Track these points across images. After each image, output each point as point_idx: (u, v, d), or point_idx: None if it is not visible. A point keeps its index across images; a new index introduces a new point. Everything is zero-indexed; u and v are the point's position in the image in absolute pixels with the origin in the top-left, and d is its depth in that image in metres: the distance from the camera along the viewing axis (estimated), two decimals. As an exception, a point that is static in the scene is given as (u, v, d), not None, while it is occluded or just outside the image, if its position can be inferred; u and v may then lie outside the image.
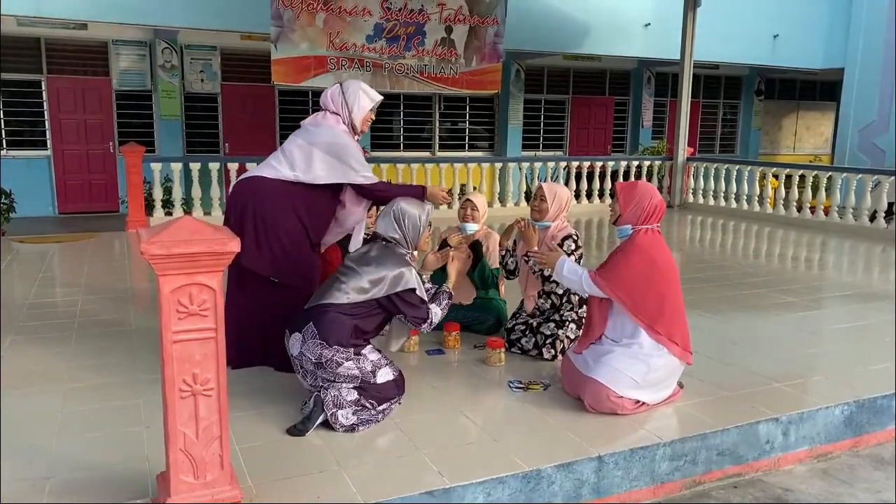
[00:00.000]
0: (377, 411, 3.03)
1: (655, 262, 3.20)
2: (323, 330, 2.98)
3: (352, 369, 2.99)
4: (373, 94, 3.70)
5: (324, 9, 8.71)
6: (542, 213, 3.97)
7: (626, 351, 3.20)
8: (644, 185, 3.36)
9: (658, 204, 3.28)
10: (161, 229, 2.05)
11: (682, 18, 10.76)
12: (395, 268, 3.12)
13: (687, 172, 11.35)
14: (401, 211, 3.26)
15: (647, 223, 3.27)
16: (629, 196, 3.29)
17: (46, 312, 4.73)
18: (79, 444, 2.79)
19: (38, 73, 10.77)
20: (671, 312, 3.19)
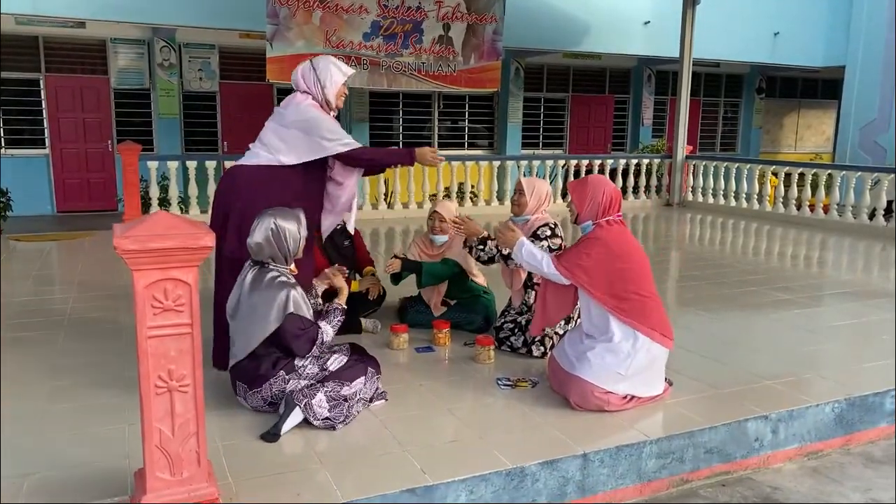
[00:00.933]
0: (352, 401, 2.97)
1: (612, 249, 3.20)
2: (247, 379, 2.98)
3: (299, 384, 2.97)
4: (344, 68, 3.61)
5: (320, 6, 8.69)
6: (522, 206, 3.97)
7: (605, 346, 3.17)
8: (595, 179, 3.36)
9: (612, 194, 3.28)
10: (135, 224, 2.03)
11: (682, 16, 10.71)
12: (274, 294, 2.91)
13: (686, 170, 11.31)
14: (278, 228, 2.97)
15: (606, 215, 3.26)
16: (582, 193, 3.30)
17: (37, 310, 4.72)
18: (60, 441, 2.77)
19: (36, 72, 10.77)
20: (638, 298, 3.17)
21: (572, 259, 3.23)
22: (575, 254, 3.25)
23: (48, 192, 10.99)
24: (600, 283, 3.15)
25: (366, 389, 3.06)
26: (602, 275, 3.16)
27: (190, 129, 11.71)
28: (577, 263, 3.20)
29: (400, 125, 13.47)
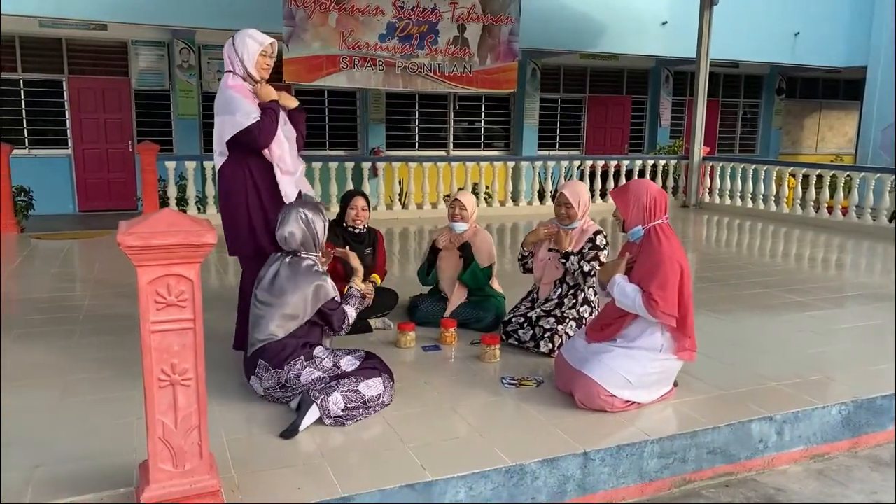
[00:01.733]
0: (371, 406, 3.02)
1: (683, 270, 3.13)
2: (272, 360, 3.06)
3: (313, 374, 3.04)
4: (260, 37, 3.50)
5: (336, 8, 8.76)
6: (572, 217, 3.97)
7: (624, 352, 3.17)
8: (636, 183, 3.31)
9: (656, 196, 3.21)
10: (139, 221, 2.08)
11: (699, 17, 10.64)
12: (310, 283, 3.12)
13: (703, 172, 11.23)
14: (307, 217, 3.18)
15: (654, 218, 3.20)
16: (624, 199, 3.24)
17: (55, 307, 4.82)
18: (71, 434, 2.84)
19: (59, 74, 10.98)
20: (687, 313, 3.15)
21: (662, 304, 3.05)
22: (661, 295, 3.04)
23: (70, 192, 11.19)
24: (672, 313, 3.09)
25: (385, 395, 3.10)
26: (673, 304, 3.08)
27: (208, 130, 11.84)
28: (671, 305, 3.06)
29: (416, 126, 13.53)
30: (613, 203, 3.31)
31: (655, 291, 3.06)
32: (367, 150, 12.79)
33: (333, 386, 2.97)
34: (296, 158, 3.72)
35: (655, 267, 3.11)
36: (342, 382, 2.99)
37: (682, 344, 3.16)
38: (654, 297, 3.05)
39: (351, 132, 13.06)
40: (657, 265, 3.11)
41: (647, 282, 3.10)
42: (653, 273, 3.10)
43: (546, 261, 4.09)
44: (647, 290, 3.07)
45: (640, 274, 3.16)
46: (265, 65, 3.57)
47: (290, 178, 3.65)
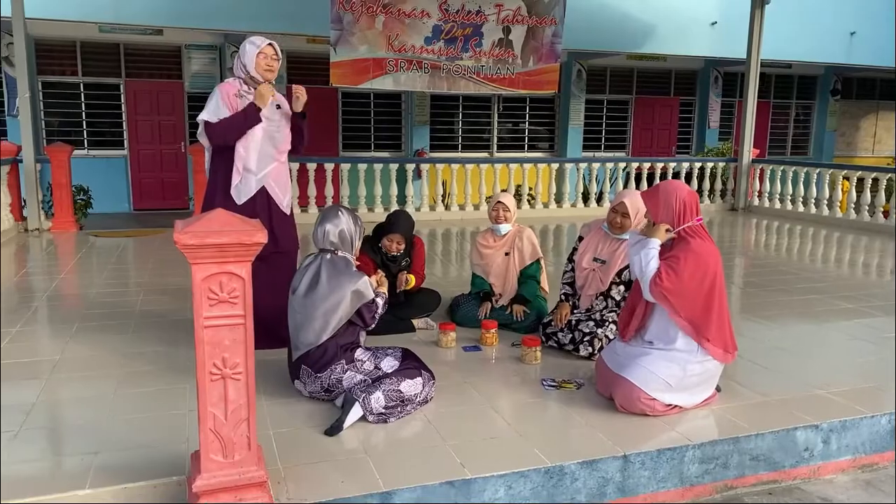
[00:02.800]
0: (410, 404, 3.08)
1: (708, 269, 3.09)
2: (313, 363, 3.13)
3: (355, 377, 3.11)
4: (258, 40, 3.70)
5: (384, 11, 8.87)
6: (625, 228, 3.88)
7: (662, 354, 3.16)
8: (665, 185, 3.24)
9: (686, 198, 3.15)
10: (194, 221, 2.18)
11: (750, 16, 10.44)
12: (352, 282, 3.15)
13: (752, 174, 11.00)
14: (347, 216, 3.30)
15: (685, 221, 3.17)
16: (654, 201, 3.19)
17: (111, 302, 5.02)
18: (126, 424, 2.97)
19: (117, 77, 11.39)
20: (718, 315, 3.13)
21: (667, 284, 3.03)
22: (669, 276, 3.04)
23: (126, 191, 11.60)
24: (687, 307, 3.06)
25: (424, 392, 3.15)
26: (689, 299, 3.05)
27: (257, 132, 12.11)
28: (672, 290, 3.04)
29: (459, 128, 13.59)
30: (645, 206, 3.29)
31: (665, 269, 3.04)
32: (411, 152, 12.91)
33: (376, 385, 3.04)
34: (270, 159, 3.78)
35: (679, 255, 3.08)
36: (384, 382, 3.06)
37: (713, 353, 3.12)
38: (662, 273, 3.03)
39: (395, 134, 13.19)
40: (682, 254, 3.07)
41: (662, 271, 3.07)
42: (675, 257, 3.08)
43: (590, 271, 4.05)
44: (658, 275, 3.06)
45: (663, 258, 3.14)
46: (266, 65, 3.71)
47: (251, 176, 3.74)
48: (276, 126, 3.80)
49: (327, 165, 9.25)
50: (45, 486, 2.45)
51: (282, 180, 3.88)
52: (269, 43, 3.71)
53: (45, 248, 7.18)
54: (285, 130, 3.85)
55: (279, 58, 3.77)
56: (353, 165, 9.52)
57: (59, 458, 2.73)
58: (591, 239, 4.11)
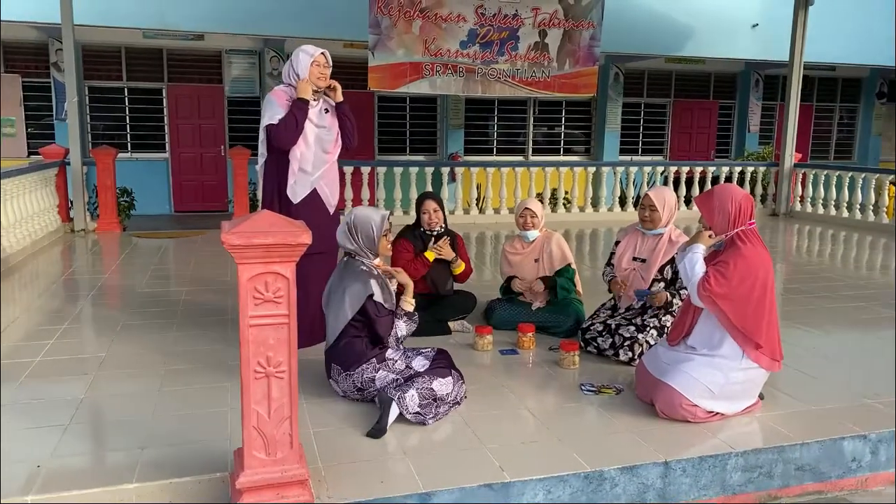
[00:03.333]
0: (442, 403, 3.07)
1: (759, 274, 3.05)
2: (342, 361, 3.18)
3: (386, 377, 3.13)
4: (311, 49, 3.82)
5: (421, 16, 8.92)
6: (655, 222, 3.93)
7: (705, 360, 3.12)
8: (721, 189, 3.20)
9: (742, 202, 3.11)
10: (241, 221, 2.22)
11: (793, 18, 10.24)
12: (354, 281, 3.18)
13: (794, 179, 10.78)
14: (353, 221, 3.29)
15: (739, 225, 3.12)
16: (709, 206, 3.16)
17: (154, 301, 5.13)
18: (171, 420, 3.03)
19: (160, 82, 11.64)
20: (769, 322, 3.08)
21: (716, 289, 3.00)
22: (718, 280, 3.01)
23: (167, 193, 11.84)
24: (737, 313, 3.01)
25: (454, 392, 3.15)
26: (740, 304, 3.00)
27: (295, 135, 12.27)
28: (721, 294, 3.00)
29: (494, 132, 13.58)
30: (698, 210, 3.25)
31: (714, 274, 3.01)
32: (445, 156, 12.94)
33: (409, 384, 3.06)
34: (322, 161, 3.91)
35: (729, 260, 3.04)
36: (416, 381, 3.07)
37: (759, 361, 3.07)
38: (710, 278, 3.00)
39: (430, 138, 13.24)
40: (732, 259, 3.03)
41: (711, 275, 3.04)
42: (724, 262, 3.04)
43: (630, 270, 4.04)
44: (707, 279, 3.02)
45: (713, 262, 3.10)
46: (319, 74, 3.85)
47: (306, 177, 3.88)
48: (326, 130, 3.93)
49: (363, 168, 9.32)
50: (93, 479, 2.51)
51: (332, 181, 4.03)
52: (321, 52, 3.85)
53: (91, 249, 7.37)
54: (334, 133, 3.98)
55: (331, 66, 3.90)
56: (388, 169, 9.58)
57: (106, 452, 2.80)
58: (629, 240, 4.11)
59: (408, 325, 3.31)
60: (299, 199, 3.87)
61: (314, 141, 3.88)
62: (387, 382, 3.13)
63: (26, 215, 6.92)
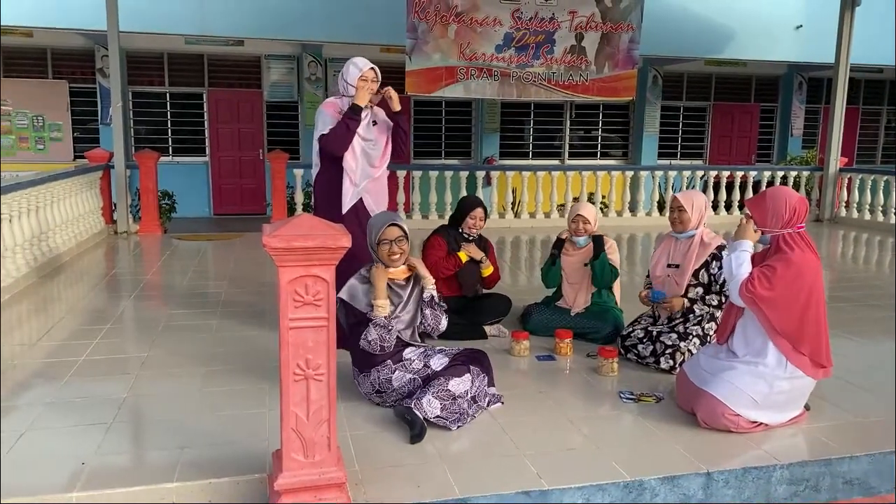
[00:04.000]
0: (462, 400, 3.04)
1: (805, 280, 2.96)
2: (357, 362, 3.22)
3: (403, 377, 3.13)
4: (361, 63, 3.87)
5: (456, 20, 8.93)
6: (685, 223, 3.88)
7: (749, 369, 3.04)
8: (774, 191, 3.11)
9: (796, 205, 3.01)
10: (281, 224, 2.24)
11: (838, 19, 9.99)
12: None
13: (839, 184, 10.50)
14: (369, 223, 3.36)
15: (791, 227, 3.03)
16: (762, 209, 3.06)
17: (195, 302, 5.21)
18: (211, 421, 3.07)
19: (200, 87, 11.86)
20: (815, 329, 3.00)
21: (760, 291, 2.93)
22: (762, 283, 2.94)
23: (206, 197, 12.04)
24: (782, 319, 2.94)
25: (474, 388, 3.11)
26: (784, 310, 2.93)
27: (332, 139, 12.38)
28: (764, 297, 2.93)
29: (530, 136, 13.52)
30: (742, 215, 3.17)
31: (759, 275, 2.94)
32: (480, 159, 12.92)
33: (425, 390, 3.04)
34: (367, 174, 3.97)
35: (776, 265, 2.95)
36: (432, 385, 3.05)
37: (804, 368, 2.98)
38: (754, 279, 2.93)
39: (465, 141, 13.24)
40: (779, 264, 2.95)
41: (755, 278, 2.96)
42: (771, 266, 2.96)
43: (665, 277, 3.97)
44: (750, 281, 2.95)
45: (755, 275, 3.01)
46: (369, 87, 3.89)
47: (353, 188, 3.95)
48: (372, 143, 3.99)
49: (399, 172, 9.36)
50: (135, 478, 2.56)
51: (378, 193, 4.06)
52: (370, 67, 3.90)
53: (133, 251, 7.53)
54: (381, 146, 4.02)
55: (379, 80, 3.94)
56: (424, 172, 9.60)
57: (148, 451, 2.84)
58: (663, 247, 4.07)
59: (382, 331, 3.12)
60: (346, 208, 3.94)
61: (360, 153, 3.95)
62: (404, 383, 3.12)
63: (72, 217, 7.11)
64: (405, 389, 3.14)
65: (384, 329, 3.11)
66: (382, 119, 4.05)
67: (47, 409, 3.16)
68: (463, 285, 4.46)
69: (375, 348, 3.11)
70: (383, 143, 4.03)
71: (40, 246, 6.11)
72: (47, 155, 11.22)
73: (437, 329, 3.33)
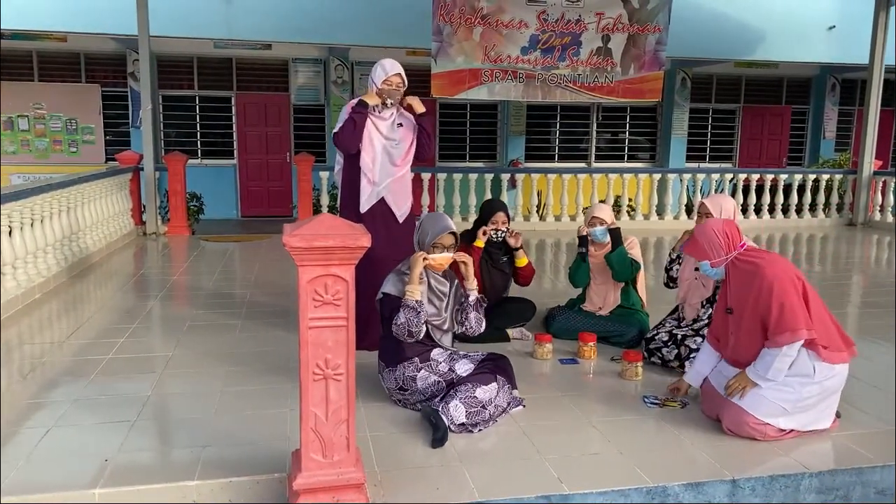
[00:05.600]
0: (489, 407, 3.02)
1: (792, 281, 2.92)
2: (385, 357, 3.23)
3: (428, 378, 3.11)
4: (389, 65, 3.93)
5: (482, 23, 8.91)
6: None
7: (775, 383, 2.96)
8: (698, 229, 3.20)
9: (724, 229, 3.09)
10: (302, 224, 2.24)
11: (873, 19, 9.78)
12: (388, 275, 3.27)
13: (874, 188, 10.27)
14: (422, 218, 3.41)
15: (733, 250, 3.07)
16: (700, 250, 3.14)
17: (220, 302, 5.26)
18: (233, 420, 3.08)
19: (229, 90, 12.00)
20: (818, 317, 2.92)
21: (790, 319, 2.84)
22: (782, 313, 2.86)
23: (234, 199, 12.17)
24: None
25: (500, 397, 3.10)
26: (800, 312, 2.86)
27: (358, 142, 12.43)
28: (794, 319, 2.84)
29: (556, 138, 13.44)
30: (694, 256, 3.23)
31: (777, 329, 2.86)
32: (506, 162, 12.88)
33: (452, 394, 3.02)
34: (388, 173, 3.99)
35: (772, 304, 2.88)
36: (459, 390, 3.03)
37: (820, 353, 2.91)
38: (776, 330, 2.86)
39: (491, 144, 13.21)
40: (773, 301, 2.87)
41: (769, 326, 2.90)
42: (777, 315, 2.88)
43: (692, 280, 3.91)
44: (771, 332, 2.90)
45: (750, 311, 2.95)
46: (394, 89, 3.94)
47: (372, 187, 3.98)
48: (396, 142, 4.02)
49: (424, 175, 9.36)
50: (157, 475, 2.58)
51: (399, 191, 4.07)
52: (397, 73, 3.94)
53: (161, 251, 7.63)
54: (404, 146, 4.05)
55: (405, 85, 3.99)
56: (448, 175, 9.60)
57: (170, 449, 2.87)
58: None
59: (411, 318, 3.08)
60: (365, 209, 3.97)
61: (381, 152, 3.97)
62: (428, 384, 3.11)
63: (102, 218, 7.23)
64: (429, 391, 3.12)
65: (413, 311, 3.07)
66: (409, 119, 4.07)
67: (73, 406, 3.20)
68: (488, 291, 4.40)
69: (403, 332, 3.07)
70: (408, 143, 4.05)
71: (71, 246, 6.22)
72: (80, 157, 11.43)
73: (478, 331, 3.33)
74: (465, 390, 3.02)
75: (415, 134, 4.07)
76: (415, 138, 4.07)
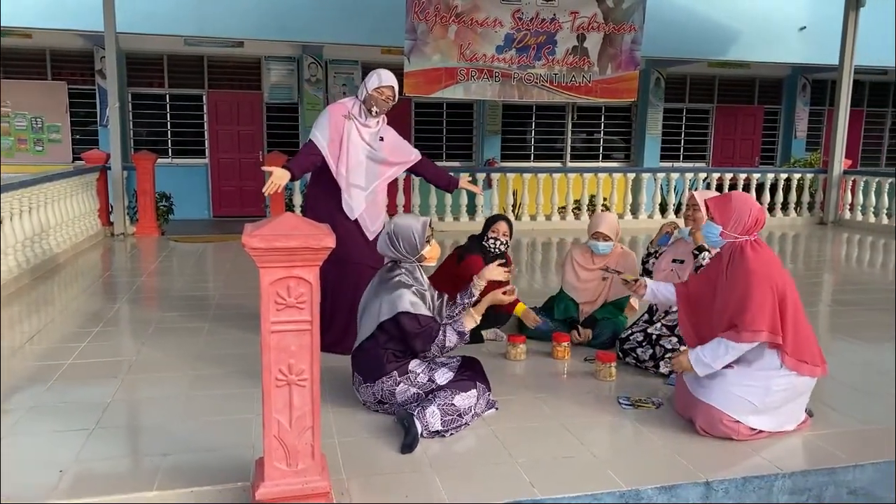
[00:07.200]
0: (466, 416, 2.97)
1: (779, 284, 2.89)
2: (362, 372, 3.09)
3: (407, 391, 3.02)
4: (385, 76, 3.88)
5: (456, 21, 8.85)
6: (698, 221, 3.80)
7: (744, 371, 2.94)
8: (739, 196, 3.07)
9: (758, 214, 2.98)
10: (263, 224, 2.16)
11: (843, 20, 9.91)
12: (390, 291, 3.05)
13: (843, 186, 10.40)
14: (393, 229, 3.15)
15: (747, 235, 2.98)
16: (726, 210, 3.00)
17: (188, 304, 5.13)
18: (196, 426, 2.98)
19: (200, 88, 11.81)
20: (794, 327, 2.90)
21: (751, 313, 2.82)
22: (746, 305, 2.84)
23: (206, 198, 11.96)
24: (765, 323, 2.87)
25: (479, 404, 3.05)
26: (768, 313, 2.84)
27: (332, 141, 12.31)
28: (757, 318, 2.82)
29: (532, 138, 13.44)
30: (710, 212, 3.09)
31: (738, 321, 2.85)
32: (481, 162, 12.84)
33: (430, 399, 2.95)
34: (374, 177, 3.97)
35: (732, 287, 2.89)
36: (438, 396, 2.96)
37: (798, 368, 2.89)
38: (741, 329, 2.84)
39: (466, 143, 13.16)
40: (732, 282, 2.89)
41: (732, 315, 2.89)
42: (727, 294, 2.89)
43: (668, 272, 3.90)
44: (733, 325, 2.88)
45: (725, 300, 2.93)
46: (386, 98, 3.92)
47: (360, 192, 3.94)
48: (375, 152, 3.98)
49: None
50: (114, 486, 2.47)
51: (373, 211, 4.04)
52: (390, 85, 3.90)
53: (129, 253, 7.46)
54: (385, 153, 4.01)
55: (395, 100, 3.97)
56: (424, 174, 9.50)
57: (129, 457, 2.76)
58: (677, 245, 4.02)
59: (459, 335, 3.08)
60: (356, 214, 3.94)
61: (362, 157, 3.93)
62: (407, 397, 3.02)
63: (68, 219, 7.04)
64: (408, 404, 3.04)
65: (463, 338, 3.08)
66: (392, 140, 4.05)
67: (29, 413, 3.08)
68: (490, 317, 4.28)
69: (440, 350, 3.06)
70: (387, 167, 4.05)
71: (33, 248, 6.04)
72: (46, 157, 11.16)
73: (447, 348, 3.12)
74: (443, 396, 2.95)
75: (399, 166, 4.10)
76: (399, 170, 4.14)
